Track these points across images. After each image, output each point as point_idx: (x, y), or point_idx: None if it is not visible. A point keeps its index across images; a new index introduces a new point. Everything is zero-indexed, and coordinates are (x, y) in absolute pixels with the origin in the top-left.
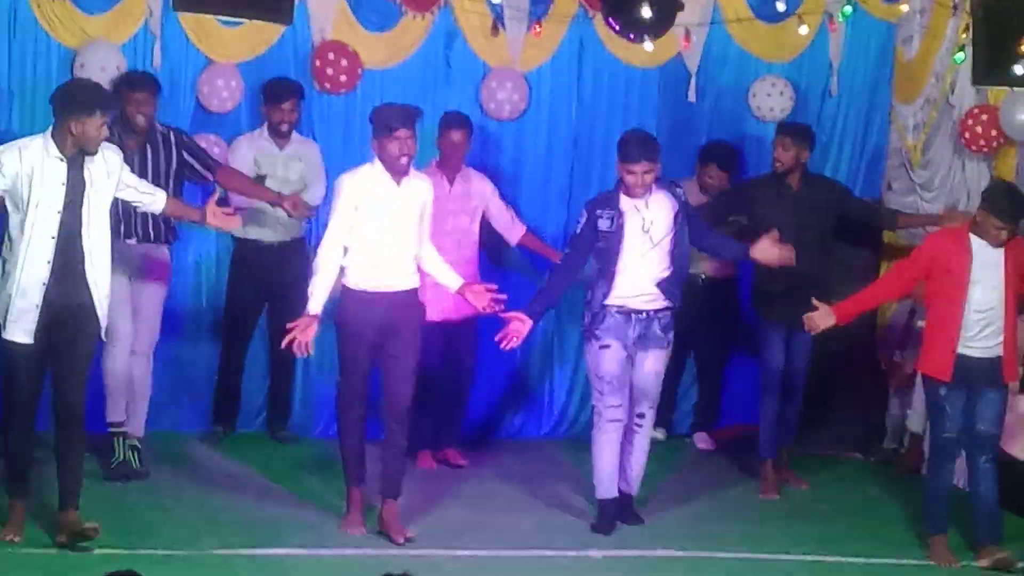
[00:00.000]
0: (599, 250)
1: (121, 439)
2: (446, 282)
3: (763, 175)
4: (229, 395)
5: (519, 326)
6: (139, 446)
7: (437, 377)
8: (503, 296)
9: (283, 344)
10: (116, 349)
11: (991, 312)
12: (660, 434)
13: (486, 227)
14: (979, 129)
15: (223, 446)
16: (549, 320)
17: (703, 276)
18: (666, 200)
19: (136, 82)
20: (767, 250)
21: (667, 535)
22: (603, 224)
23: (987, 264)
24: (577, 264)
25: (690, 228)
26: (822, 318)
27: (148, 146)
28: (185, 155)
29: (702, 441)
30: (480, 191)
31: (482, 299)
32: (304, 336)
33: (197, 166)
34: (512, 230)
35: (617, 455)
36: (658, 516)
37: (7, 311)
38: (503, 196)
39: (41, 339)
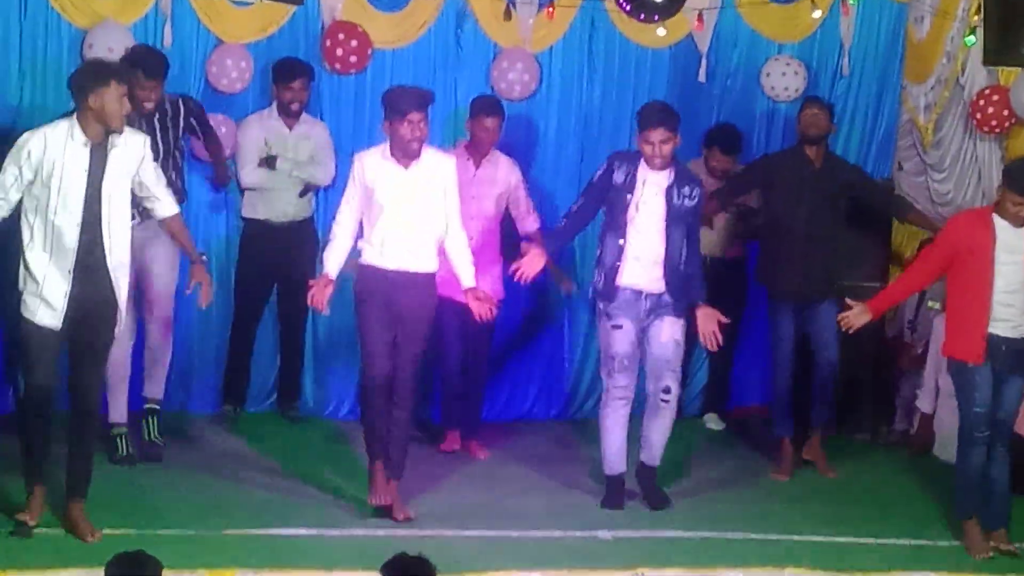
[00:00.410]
0: (610, 202)
1: (123, 438)
2: (459, 275)
3: (785, 150)
4: (239, 375)
5: (534, 260)
6: (158, 409)
7: (455, 355)
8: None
9: (308, 300)
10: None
11: (1015, 294)
12: (714, 424)
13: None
14: (990, 110)
15: (233, 426)
16: (560, 301)
17: (710, 257)
18: (683, 187)
19: (149, 68)
20: (704, 322)
21: (677, 516)
22: (617, 177)
23: (1010, 246)
24: (588, 211)
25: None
26: (857, 316)
27: (156, 115)
28: (192, 122)
29: (713, 422)
30: (506, 179)
31: (481, 308)
32: (320, 295)
33: (199, 132)
34: (526, 220)
35: (624, 431)
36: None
37: (35, 296)
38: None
39: (66, 327)
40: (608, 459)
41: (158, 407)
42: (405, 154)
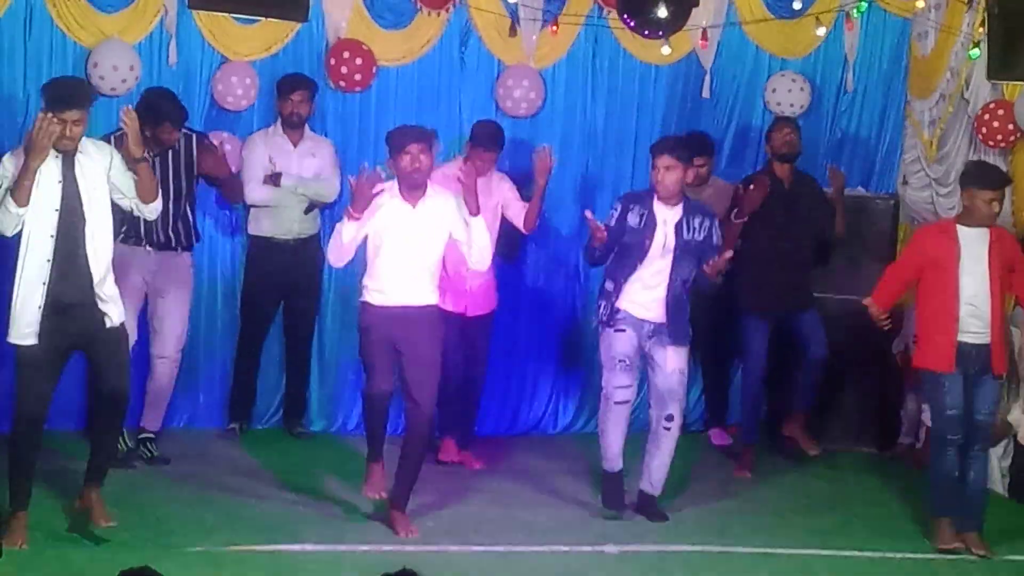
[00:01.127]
0: (624, 243)
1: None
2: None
3: (756, 173)
4: (245, 392)
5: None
6: (154, 437)
7: (453, 365)
8: None
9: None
10: None
11: (979, 303)
12: (718, 438)
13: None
14: (995, 124)
15: (239, 442)
16: (566, 320)
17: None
18: (694, 220)
19: (175, 119)
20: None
21: (683, 530)
22: (632, 219)
23: (974, 255)
24: (603, 257)
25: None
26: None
27: (169, 155)
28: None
29: (717, 437)
30: (499, 188)
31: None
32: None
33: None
34: (524, 222)
35: (623, 432)
36: (674, 511)
37: (12, 314)
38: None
39: (47, 341)
40: (607, 458)
41: (154, 436)
42: (409, 187)
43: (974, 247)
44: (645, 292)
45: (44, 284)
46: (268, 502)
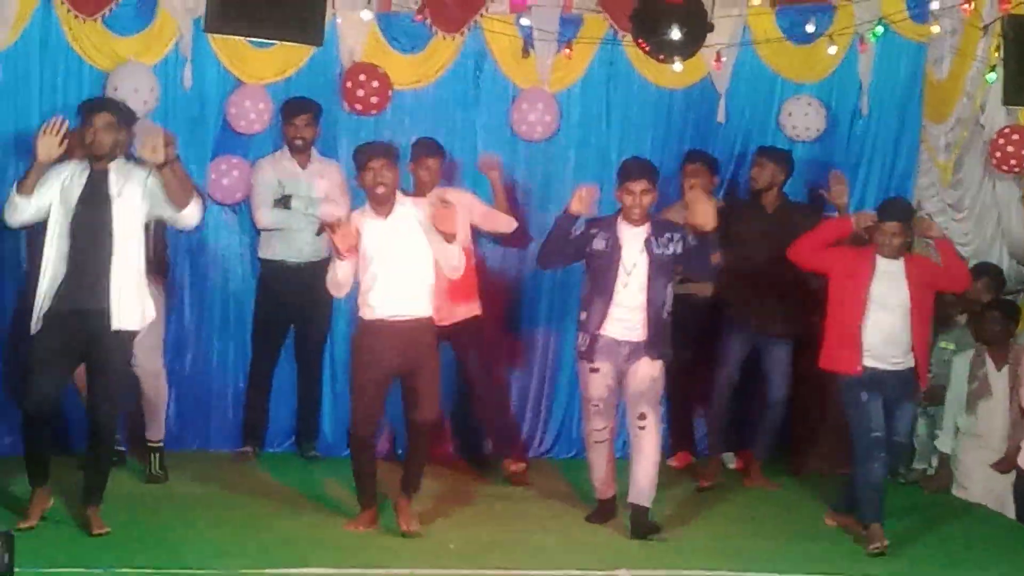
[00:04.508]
0: (595, 269)
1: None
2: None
3: (741, 197)
4: (257, 415)
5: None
6: (161, 446)
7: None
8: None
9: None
10: None
11: (896, 332)
12: (731, 462)
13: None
14: (1010, 148)
15: (252, 466)
16: (574, 345)
17: (703, 296)
18: (662, 235)
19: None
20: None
21: (697, 554)
22: (597, 244)
23: (888, 280)
24: (563, 259)
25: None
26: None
27: None
28: None
29: (730, 461)
30: (464, 203)
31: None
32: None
33: None
34: (501, 222)
35: (608, 462)
36: (688, 534)
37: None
38: (529, 214)
39: (58, 334)
40: (597, 487)
41: (160, 444)
42: (376, 201)
43: (889, 277)
44: (625, 312)
45: (57, 286)
46: (280, 525)
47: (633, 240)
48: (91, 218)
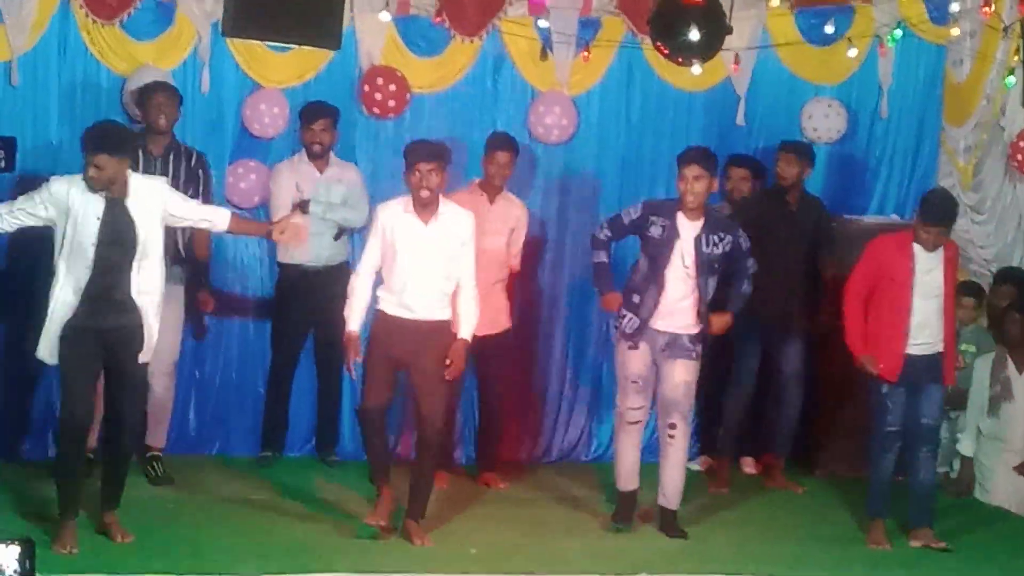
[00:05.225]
0: (650, 255)
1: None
2: (459, 324)
3: (762, 192)
4: (277, 419)
5: (612, 302)
6: (160, 455)
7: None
8: None
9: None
10: None
11: (930, 316)
12: (750, 467)
13: None
14: None
15: (272, 470)
16: (598, 345)
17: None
18: (714, 234)
19: (157, 87)
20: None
21: (717, 558)
22: (654, 231)
23: (927, 270)
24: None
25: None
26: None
27: (171, 154)
28: (199, 173)
29: (748, 466)
30: (518, 217)
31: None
32: (349, 358)
33: (200, 189)
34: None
35: (637, 451)
36: (707, 539)
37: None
38: (545, 219)
39: (80, 350)
40: (621, 476)
41: (160, 453)
42: (420, 204)
43: (927, 262)
44: (673, 303)
45: (73, 309)
46: (300, 529)
47: (686, 233)
48: (112, 251)
